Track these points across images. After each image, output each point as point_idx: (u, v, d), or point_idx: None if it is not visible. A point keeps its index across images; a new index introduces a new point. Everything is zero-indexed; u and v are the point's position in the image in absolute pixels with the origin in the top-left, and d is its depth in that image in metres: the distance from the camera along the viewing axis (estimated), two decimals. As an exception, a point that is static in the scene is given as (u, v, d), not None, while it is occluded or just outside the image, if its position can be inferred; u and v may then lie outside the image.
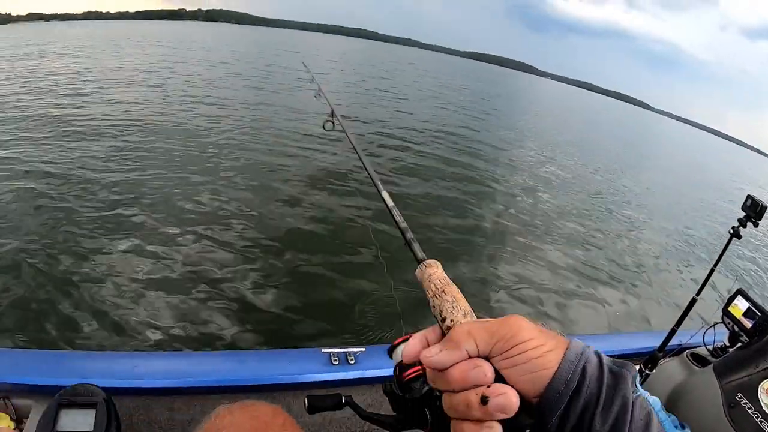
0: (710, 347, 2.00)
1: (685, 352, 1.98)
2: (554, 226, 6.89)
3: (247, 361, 1.52)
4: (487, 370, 0.40)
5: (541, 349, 0.40)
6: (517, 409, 0.39)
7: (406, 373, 0.87)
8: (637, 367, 1.92)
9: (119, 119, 8.39)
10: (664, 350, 1.89)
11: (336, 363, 1.54)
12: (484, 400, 0.38)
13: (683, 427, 0.46)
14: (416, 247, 0.60)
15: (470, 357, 0.41)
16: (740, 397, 1.63)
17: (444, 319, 0.46)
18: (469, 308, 0.47)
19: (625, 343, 2.02)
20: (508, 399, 0.38)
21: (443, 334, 0.46)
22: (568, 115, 33.99)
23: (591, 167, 13.37)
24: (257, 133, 8.80)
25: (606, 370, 0.41)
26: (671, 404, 1.80)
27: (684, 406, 1.76)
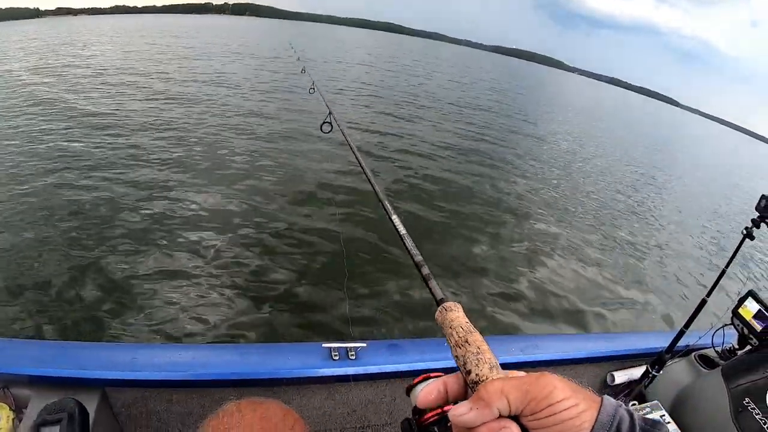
0: (719, 349, 1.94)
1: (692, 354, 1.92)
2: (564, 222, 6.78)
3: (247, 355, 1.47)
4: (514, 430, 0.40)
5: (574, 410, 0.39)
6: None
7: (426, 416, 0.74)
8: (644, 368, 1.87)
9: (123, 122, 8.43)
10: (672, 351, 1.83)
11: (336, 358, 1.50)
12: None
13: None
14: (434, 284, 0.56)
15: (501, 415, 0.40)
16: (748, 402, 1.57)
17: (469, 372, 0.43)
18: (494, 360, 0.44)
19: (633, 343, 1.96)
20: None
21: (466, 386, 0.45)
22: (595, 113, 32.98)
23: (613, 162, 13.17)
24: (259, 134, 8.55)
25: (638, 429, 0.39)
26: (677, 407, 1.75)
27: (690, 409, 1.71)
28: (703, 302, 1.82)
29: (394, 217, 0.78)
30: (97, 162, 5.94)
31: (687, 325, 1.81)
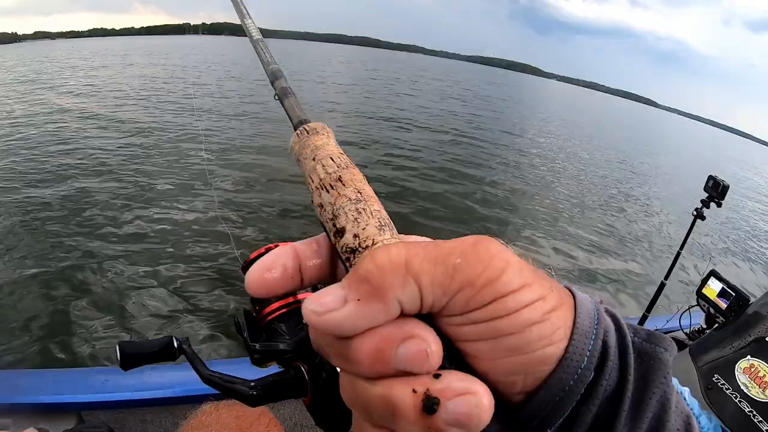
0: (687, 331, 1.93)
1: None
2: (523, 214, 6.72)
3: (214, 370, 1.48)
4: (432, 345, 0.20)
5: (540, 308, 0.21)
6: (488, 422, 0.20)
7: (269, 308, 0.52)
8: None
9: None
10: (637, 337, 1.82)
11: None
12: (429, 406, 0.19)
13: None
14: (292, 102, 0.37)
15: (403, 313, 0.21)
16: (717, 379, 1.55)
17: (341, 231, 0.25)
18: (386, 216, 0.26)
19: None
20: (475, 403, 0.20)
21: (336, 255, 0.27)
22: (572, 117, 33.33)
23: (582, 155, 13.27)
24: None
25: (631, 348, 0.23)
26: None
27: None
28: (662, 285, 1.82)
29: (248, 21, 0.51)
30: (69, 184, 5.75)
31: (649, 309, 1.80)
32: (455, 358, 0.22)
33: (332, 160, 0.28)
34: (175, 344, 0.58)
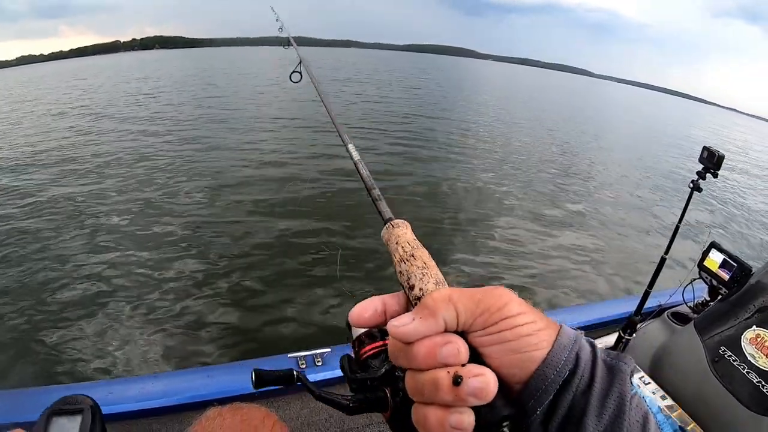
0: (691, 304, 1.89)
1: (665, 312, 1.86)
2: (514, 199, 6.58)
3: (216, 376, 1.47)
4: (461, 347, 0.32)
5: (532, 327, 0.33)
6: (494, 395, 0.30)
7: (365, 348, 0.76)
8: (616, 335, 1.81)
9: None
10: (641, 313, 1.78)
11: (303, 366, 1.49)
12: (456, 380, 0.30)
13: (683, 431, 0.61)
14: (383, 205, 0.50)
15: (446, 330, 0.33)
16: (724, 351, 1.51)
17: (412, 287, 0.38)
18: (441, 276, 0.38)
19: (602, 312, 1.90)
20: (485, 381, 0.30)
21: (409, 303, 0.38)
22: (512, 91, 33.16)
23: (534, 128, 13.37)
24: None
25: (600, 360, 0.33)
26: (656, 367, 1.68)
27: (668, 366, 1.63)
28: (662, 260, 1.77)
29: (350, 146, 0.69)
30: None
31: (651, 285, 1.76)
32: (477, 358, 0.33)
33: (408, 244, 0.42)
34: (295, 374, 0.81)
